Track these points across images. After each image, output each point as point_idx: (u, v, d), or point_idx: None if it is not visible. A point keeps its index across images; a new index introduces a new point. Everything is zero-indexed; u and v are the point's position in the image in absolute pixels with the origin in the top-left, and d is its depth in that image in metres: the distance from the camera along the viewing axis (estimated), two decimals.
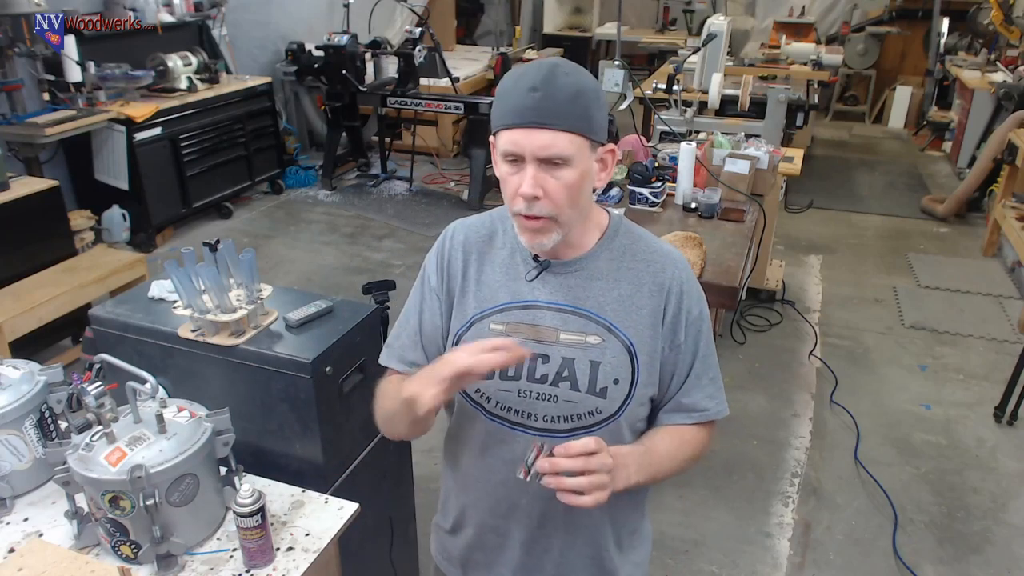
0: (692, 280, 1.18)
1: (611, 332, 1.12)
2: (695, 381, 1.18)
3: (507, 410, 1.15)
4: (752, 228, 3.00)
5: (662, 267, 1.15)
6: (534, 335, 1.13)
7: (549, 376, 1.12)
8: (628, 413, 1.14)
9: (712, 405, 1.20)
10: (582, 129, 1.02)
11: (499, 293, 1.16)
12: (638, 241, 1.18)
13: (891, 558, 2.54)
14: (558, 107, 0.99)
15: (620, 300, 1.13)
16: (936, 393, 3.45)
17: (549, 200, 1.04)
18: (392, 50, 6.01)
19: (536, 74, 1.00)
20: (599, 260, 1.14)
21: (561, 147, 1.01)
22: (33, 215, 3.40)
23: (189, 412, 1.38)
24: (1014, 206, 4.62)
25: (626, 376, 1.12)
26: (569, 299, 1.13)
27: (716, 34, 4.16)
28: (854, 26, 8.33)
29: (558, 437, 1.11)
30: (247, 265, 1.64)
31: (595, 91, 1.03)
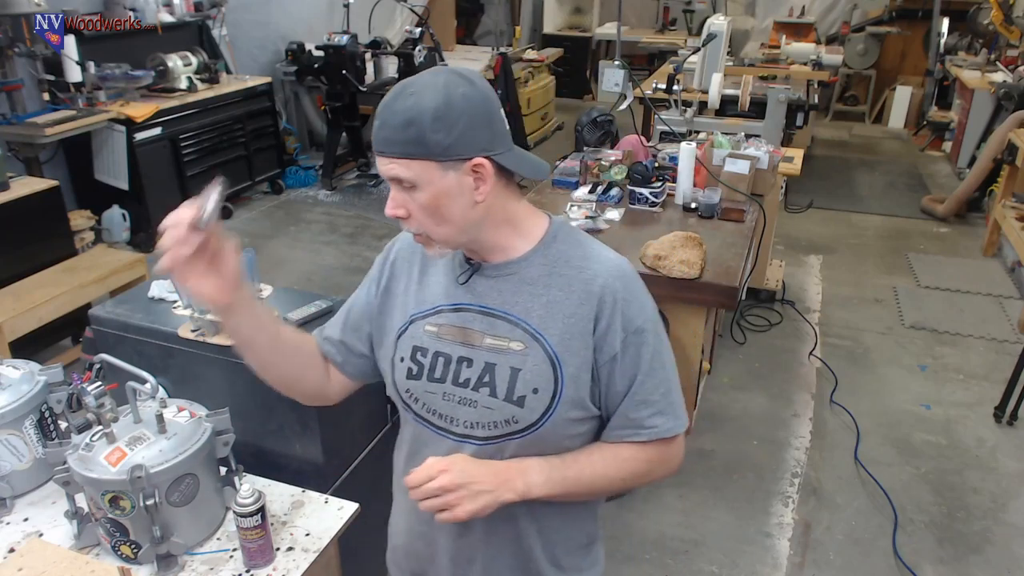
0: (634, 290, 1.12)
1: (535, 339, 1.09)
2: (642, 396, 1.12)
3: (432, 413, 1.15)
4: (752, 228, 3.00)
5: (594, 275, 1.10)
6: (462, 338, 1.12)
7: (471, 381, 1.11)
8: (552, 426, 1.09)
9: (662, 422, 1.13)
10: (415, 155, 1.00)
11: (436, 295, 1.16)
12: (576, 248, 1.13)
13: (891, 558, 2.54)
14: (391, 135, 1.00)
15: (548, 307, 1.09)
16: (936, 393, 3.45)
17: (412, 219, 1.06)
18: (392, 50, 6.01)
19: (385, 99, 1.02)
20: (532, 265, 1.11)
21: (400, 173, 1.01)
22: (33, 215, 3.40)
23: (189, 412, 1.38)
24: (1014, 206, 4.62)
25: (547, 387, 1.08)
26: (497, 303, 1.11)
27: (716, 34, 4.16)
28: (854, 26, 8.33)
29: (477, 444, 1.11)
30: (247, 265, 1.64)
31: (435, 112, 0.98)
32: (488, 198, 1.05)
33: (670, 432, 1.14)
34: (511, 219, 1.11)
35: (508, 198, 1.10)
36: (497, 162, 1.04)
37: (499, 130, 1.04)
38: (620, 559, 2.50)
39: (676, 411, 1.15)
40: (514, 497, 1.07)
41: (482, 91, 1.03)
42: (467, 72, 1.05)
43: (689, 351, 2.77)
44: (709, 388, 3.42)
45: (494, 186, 1.05)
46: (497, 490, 1.06)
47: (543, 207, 3.29)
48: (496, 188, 1.06)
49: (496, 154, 1.04)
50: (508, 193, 1.09)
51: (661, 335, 1.14)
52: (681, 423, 1.15)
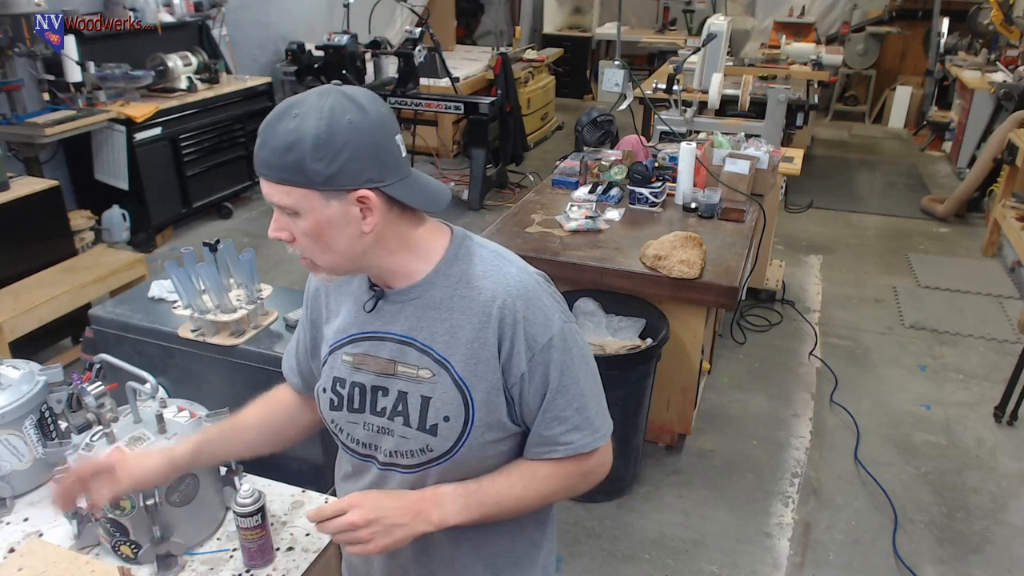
0: (536, 307, 1.06)
1: (442, 366, 1.05)
2: (554, 413, 1.08)
3: (356, 442, 1.14)
4: (752, 228, 3.00)
5: (492, 296, 1.05)
6: (375, 367, 1.10)
7: (387, 410, 1.09)
8: (468, 450, 1.07)
9: (577, 438, 1.09)
10: (296, 182, 0.94)
11: (349, 323, 1.13)
12: (476, 265, 1.08)
13: (891, 558, 2.54)
14: (270, 157, 0.95)
15: (451, 332, 1.05)
16: (936, 393, 3.45)
17: (297, 244, 1.02)
18: (392, 50, 6.01)
19: (269, 118, 0.98)
20: (434, 287, 1.07)
21: (277, 198, 0.97)
22: (33, 215, 3.40)
23: (189, 412, 1.38)
24: (1014, 206, 4.62)
25: (458, 414, 1.05)
26: (405, 329, 1.08)
27: (716, 34, 4.16)
28: (854, 26, 8.33)
29: (402, 472, 1.11)
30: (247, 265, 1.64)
31: (315, 140, 0.93)
32: (378, 227, 1.00)
33: (587, 447, 1.10)
34: (407, 244, 1.06)
35: (403, 225, 1.04)
36: (387, 192, 0.99)
37: (389, 160, 0.98)
38: (620, 559, 2.50)
39: (593, 424, 1.11)
40: (430, 528, 1.05)
41: (372, 118, 0.96)
42: (360, 95, 0.98)
43: (689, 351, 2.77)
44: (709, 388, 3.42)
45: (385, 215, 1.00)
46: (411, 523, 1.04)
47: (543, 207, 3.30)
48: (388, 217, 1.01)
49: (385, 185, 0.98)
50: (403, 220, 1.04)
51: (571, 348, 1.08)
52: (599, 436, 1.11)
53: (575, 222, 2.91)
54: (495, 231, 2.96)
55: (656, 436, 2.98)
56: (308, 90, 1.00)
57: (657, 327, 2.64)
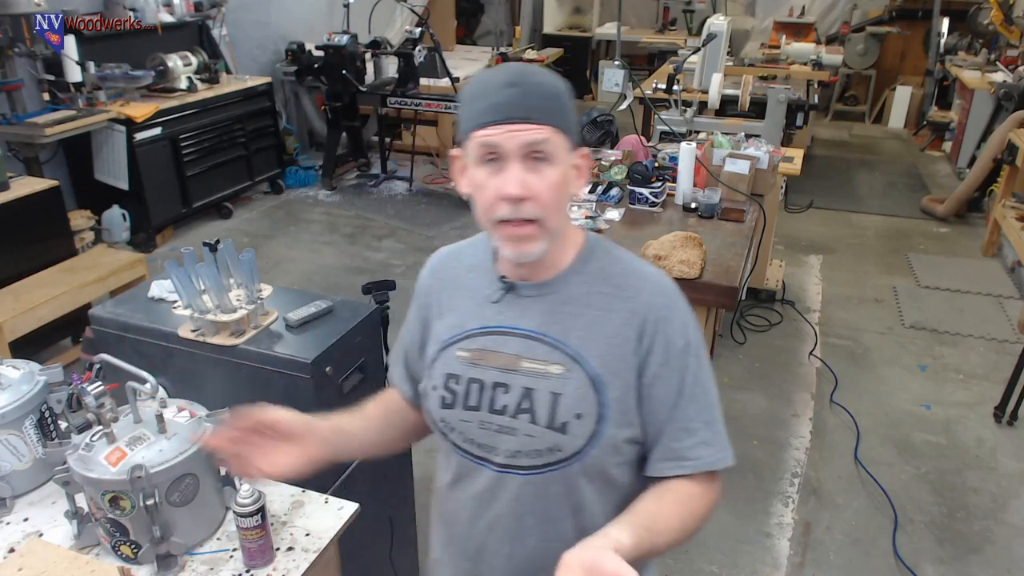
0: (676, 307, 1.05)
1: (576, 362, 1.02)
2: (683, 423, 1.04)
3: (470, 442, 1.09)
4: (752, 228, 3.00)
5: (636, 291, 1.04)
6: (496, 362, 1.06)
7: (509, 407, 1.05)
8: (595, 455, 1.03)
9: (707, 453, 1.04)
10: (561, 126, 0.98)
11: (467, 318, 1.11)
12: (615, 263, 1.08)
13: (891, 558, 2.54)
14: (539, 102, 0.96)
15: (588, 327, 1.03)
16: (936, 393, 3.45)
17: (535, 201, 0.97)
18: (392, 50, 6.01)
19: (508, 72, 0.98)
20: (570, 283, 1.06)
21: (547, 140, 0.96)
22: (33, 215, 3.40)
23: (189, 412, 1.38)
24: (1014, 206, 4.62)
25: (591, 411, 1.02)
26: (534, 324, 1.05)
27: (716, 34, 4.16)
28: (854, 26, 8.33)
29: (519, 474, 1.06)
30: (247, 265, 1.64)
31: (567, 93, 1.00)
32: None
33: (715, 464, 1.04)
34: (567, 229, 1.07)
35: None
36: None
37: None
38: None
39: (722, 441, 1.06)
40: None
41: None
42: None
43: None
44: None
45: None
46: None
47: None
48: None
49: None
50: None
51: (703, 358, 1.06)
52: (728, 455, 1.06)
53: (575, 222, 2.90)
54: None
55: None
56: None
57: None
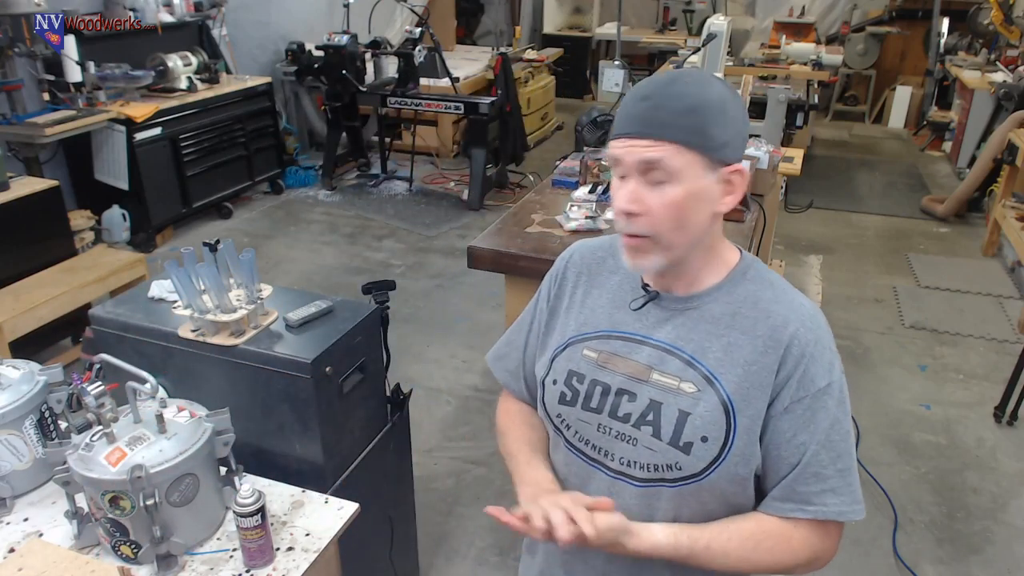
0: (824, 345, 1.01)
1: (709, 383, 0.99)
2: (815, 468, 0.98)
3: (585, 443, 1.07)
4: (752, 228, 3.00)
5: (784, 321, 0.99)
6: (625, 368, 1.04)
7: (632, 416, 1.02)
8: (716, 481, 0.99)
9: (833, 503, 0.99)
10: (691, 143, 0.92)
11: (600, 318, 1.09)
12: (767, 289, 1.03)
13: (891, 558, 2.54)
14: (667, 117, 0.92)
15: (727, 350, 1.00)
16: (936, 393, 3.45)
17: (648, 218, 0.96)
18: (392, 50, 6.01)
19: (653, 83, 0.95)
20: (716, 302, 1.02)
21: (663, 159, 0.93)
22: (33, 215, 3.40)
23: (189, 412, 1.38)
24: (1014, 206, 4.62)
25: (718, 436, 0.98)
26: (671, 338, 1.02)
27: (716, 34, 4.16)
28: (854, 26, 8.33)
29: (632, 484, 1.04)
30: (247, 265, 1.64)
31: (720, 105, 0.94)
32: (719, 215, 0.99)
33: (840, 516, 1.00)
34: (715, 247, 1.04)
35: (719, 224, 1.02)
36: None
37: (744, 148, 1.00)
38: None
39: (855, 493, 1.01)
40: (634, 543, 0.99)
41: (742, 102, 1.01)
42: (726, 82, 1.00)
43: None
44: None
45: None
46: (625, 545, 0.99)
47: (543, 207, 3.30)
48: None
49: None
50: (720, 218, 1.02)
51: (845, 403, 1.03)
52: (858, 509, 1.01)
53: (575, 222, 2.90)
54: (495, 231, 2.96)
55: None
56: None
57: None
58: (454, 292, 4.34)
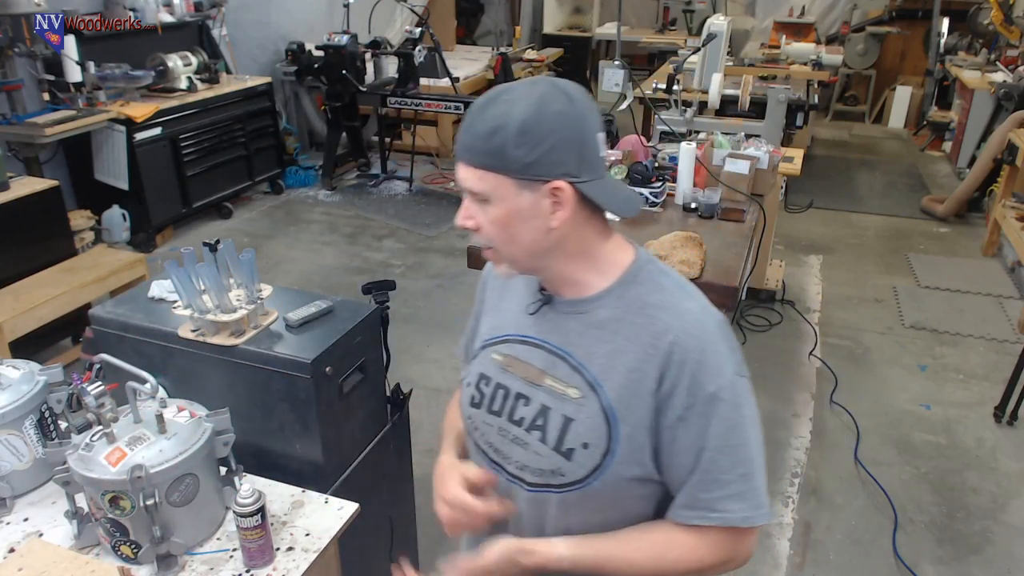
0: (711, 350, 0.98)
1: (593, 390, 0.99)
2: (715, 475, 0.98)
3: (488, 445, 1.10)
4: (752, 228, 3.00)
5: (666, 328, 0.98)
6: (523, 372, 1.06)
7: (525, 420, 1.04)
8: (600, 489, 1.00)
9: (736, 509, 0.98)
10: (491, 167, 0.93)
11: (508, 322, 1.11)
12: (656, 292, 1.01)
13: (891, 558, 2.54)
14: (472, 142, 0.95)
15: (610, 356, 0.99)
16: (936, 393, 3.45)
17: (482, 232, 0.99)
18: (392, 50, 6.01)
19: (474, 106, 0.97)
20: (604, 307, 1.02)
21: (472, 183, 0.96)
22: (33, 215, 3.40)
23: (189, 412, 1.38)
24: (1014, 206, 4.62)
25: (599, 444, 0.99)
26: (562, 342, 1.03)
27: (716, 34, 4.16)
28: (854, 26, 8.33)
29: (524, 488, 1.06)
30: (247, 265, 1.64)
31: (521, 126, 0.91)
32: (564, 227, 0.97)
33: (745, 522, 1.00)
34: (588, 252, 1.02)
35: (589, 230, 1.01)
36: (580, 190, 0.96)
37: (588, 156, 0.96)
38: None
39: (759, 497, 1.00)
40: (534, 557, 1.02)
41: (580, 111, 0.94)
42: (570, 87, 0.96)
43: None
44: None
45: (574, 215, 0.97)
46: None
47: None
48: (577, 218, 0.98)
49: (580, 181, 0.95)
50: (591, 226, 1.01)
51: (743, 406, 1.00)
52: (762, 513, 1.00)
53: None
54: None
55: None
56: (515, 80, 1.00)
57: None
58: (454, 292, 4.34)
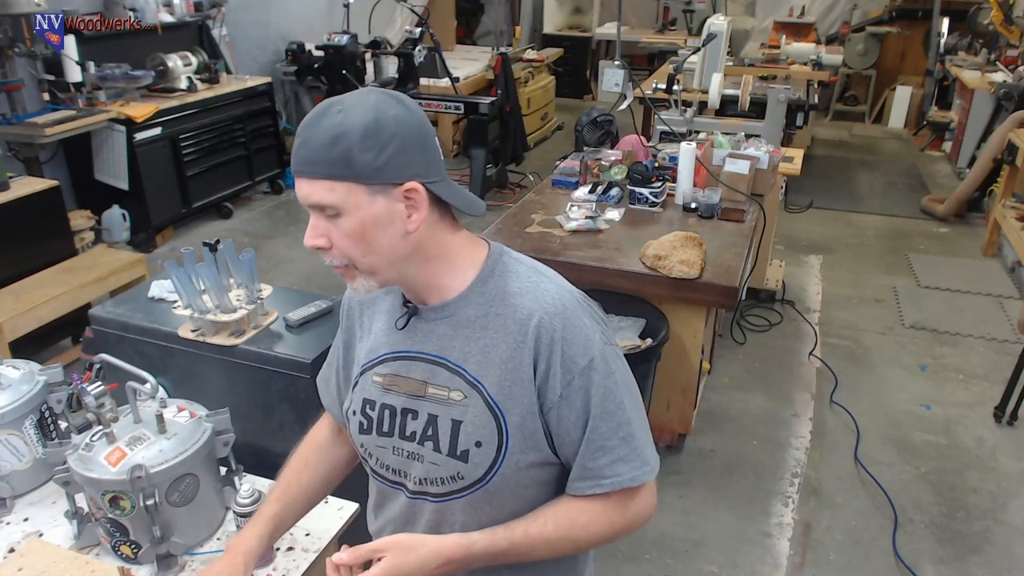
0: (575, 325, 1.00)
1: (474, 388, 1.00)
2: (598, 442, 1.01)
3: (386, 468, 1.10)
4: (752, 228, 3.00)
5: (528, 313, 0.99)
6: (405, 388, 1.05)
7: (417, 434, 1.04)
8: (502, 479, 1.01)
9: (624, 471, 1.02)
10: (339, 176, 0.91)
11: (381, 342, 1.09)
12: (514, 280, 1.03)
13: (891, 558, 2.54)
14: (312, 153, 0.91)
15: (484, 352, 1.00)
16: (936, 393, 3.45)
17: (336, 249, 0.96)
18: (392, 50, 6.02)
19: (307, 118, 0.94)
20: (469, 305, 1.02)
21: (320, 196, 0.92)
22: (33, 215, 3.40)
23: (189, 412, 1.38)
24: (1014, 206, 4.62)
25: (491, 439, 1.00)
26: (437, 349, 1.03)
27: (716, 34, 4.16)
28: (854, 26, 8.33)
29: (432, 501, 1.06)
30: (247, 265, 1.64)
31: (364, 130, 0.90)
32: (421, 229, 0.97)
33: (634, 481, 1.03)
34: (444, 254, 1.02)
35: (442, 231, 1.01)
36: (431, 191, 0.96)
37: (433, 158, 0.97)
38: (620, 559, 2.50)
39: (642, 455, 1.04)
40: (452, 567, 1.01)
41: (416, 115, 0.95)
42: (399, 95, 0.96)
43: (689, 351, 2.77)
44: (709, 388, 3.42)
45: (427, 216, 0.97)
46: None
47: (543, 207, 3.30)
48: (431, 219, 0.98)
49: (430, 182, 0.96)
50: (443, 226, 1.01)
51: (615, 372, 1.02)
52: (647, 470, 1.04)
53: (575, 222, 2.91)
54: (495, 231, 2.97)
55: (656, 436, 2.98)
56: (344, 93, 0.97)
57: (657, 327, 2.63)
58: None
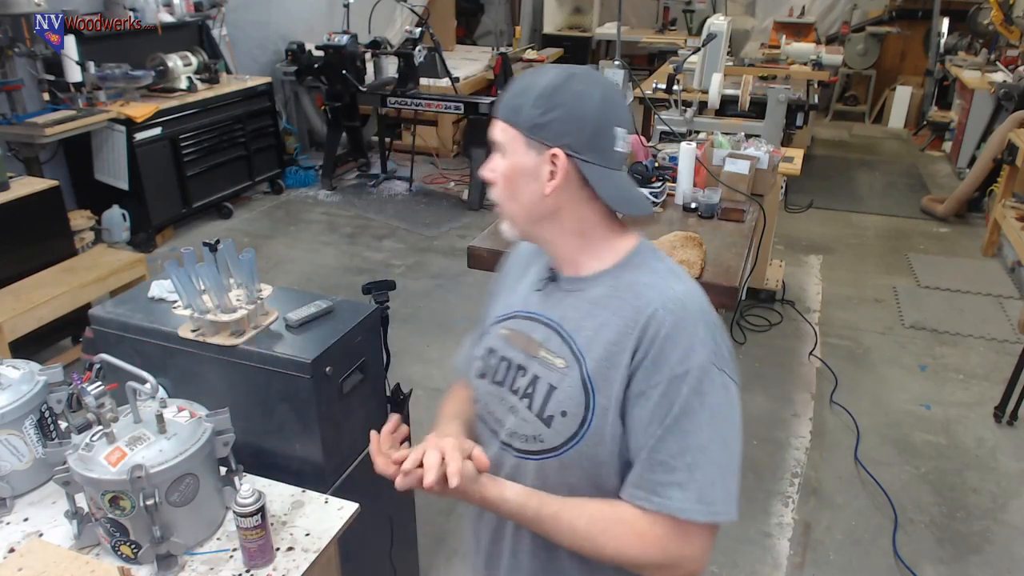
0: (688, 330, 0.97)
1: (577, 360, 1.03)
2: (662, 456, 0.96)
3: (488, 414, 1.15)
4: (752, 228, 3.00)
5: (648, 302, 0.99)
6: (524, 346, 1.10)
7: (521, 389, 1.08)
8: (574, 459, 1.02)
9: (676, 496, 0.95)
10: (510, 120, 1.03)
11: (518, 301, 1.16)
12: (647, 274, 1.05)
13: (891, 558, 2.54)
14: (505, 97, 1.05)
15: (597, 329, 1.02)
16: (936, 393, 3.45)
17: (496, 186, 1.07)
18: (392, 50, 6.01)
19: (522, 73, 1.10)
20: (599, 286, 1.06)
21: (496, 134, 1.05)
22: (33, 215, 3.40)
23: (189, 412, 1.38)
24: (1014, 206, 4.62)
25: (577, 412, 1.01)
26: (558, 316, 1.08)
27: (716, 34, 4.16)
28: (854, 26, 8.33)
29: (512, 455, 1.09)
30: (247, 265, 1.64)
31: (545, 89, 1.00)
32: (560, 199, 1.03)
33: (682, 513, 0.96)
34: (584, 233, 1.06)
35: (588, 211, 1.05)
36: (579, 168, 1.01)
37: (598, 142, 1.01)
38: None
39: (703, 492, 0.96)
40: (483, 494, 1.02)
41: (600, 99, 1.00)
42: (605, 81, 1.04)
43: None
44: None
45: (574, 191, 1.02)
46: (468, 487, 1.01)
47: None
48: (576, 194, 1.03)
49: (581, 158, 1.00)
50: (590, 207, 1.05)
51: (707, 395, 0.98)
52: (703, 510, 0.96)
53: None
54: (495, 231, 2.96)
55: None
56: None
57: None
58: (454, 292, 4.34)
